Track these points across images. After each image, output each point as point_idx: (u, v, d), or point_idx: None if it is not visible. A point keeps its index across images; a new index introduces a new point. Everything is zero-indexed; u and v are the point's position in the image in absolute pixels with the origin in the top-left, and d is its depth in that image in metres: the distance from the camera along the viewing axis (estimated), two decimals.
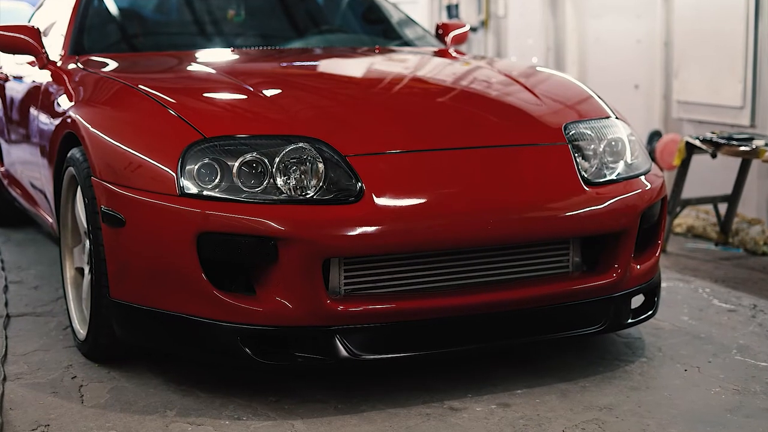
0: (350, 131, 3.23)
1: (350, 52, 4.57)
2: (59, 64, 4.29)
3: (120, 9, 4.76)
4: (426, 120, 3.37)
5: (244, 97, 3.46)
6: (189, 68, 4.05)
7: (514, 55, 8.82)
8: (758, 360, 3.53)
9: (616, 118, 3.63)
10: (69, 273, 3.78)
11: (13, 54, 4.45)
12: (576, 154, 3.36)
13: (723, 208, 5.62)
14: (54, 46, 4.51)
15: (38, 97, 4.32)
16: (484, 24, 9.25)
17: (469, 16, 9.44)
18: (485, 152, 3.27)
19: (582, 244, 3.33)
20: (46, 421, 3.05)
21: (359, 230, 2.95)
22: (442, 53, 4.64)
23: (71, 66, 4.15)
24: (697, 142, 5.22)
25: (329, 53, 4.53)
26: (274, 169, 3.04)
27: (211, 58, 4.27)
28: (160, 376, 3.39)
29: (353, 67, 4.26)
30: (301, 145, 3.09)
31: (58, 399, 3.22)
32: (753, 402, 3.15)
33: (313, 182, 3.04)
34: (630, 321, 3.44)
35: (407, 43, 4.90)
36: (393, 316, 3.03)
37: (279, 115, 3.28)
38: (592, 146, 3.42)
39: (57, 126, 3.81)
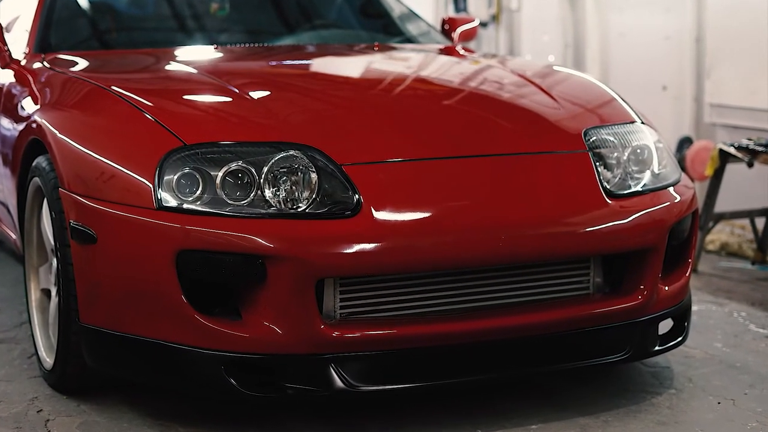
0: (346, 138, 3.24)
1: (346, 49, 4.59)
2: (23, 63, 4.30)
3: (91, 2, 4.78)
4: (431, 125, 3.38)
5: (229, 99, 3.47)
6: (168, 68, 4.07)
7: (528, 53, 8.84)
8: None
9: (642, 123, 3.64)
10: (34, 295, 3.79)
11: None
12: (597, 163, 3.37)
13: (761, 222, 5.63)
14: (17, 43, 4.52)
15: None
16: (495, 18, 9.27)
17: (478, 9, 9.47)
18: (496, 161, 3.29)
19: (604, 263, 3.34)
20: None
21: (356, 247, 2.96)
22: (448, 51, 4.66)
23: (37, 65, 4.16)
24: (732, 150, 5.24)
25: (323, 51, 4.55)
26: (261, 180, 3.05)
27: (193, 56, 4.29)
28: (135, 409, 3.39)
29: (350, 66, 4.27)
30: (291, 152, 3.10)
31: None
32: None
33: (306, 194, 3.05)
34: (657, 348, 3.44)
35: (410, 40, 4.92)
36: (394, 343, 3.04)
37: (267, 120, 3.29)
38: (615, 154, 3.43)
39: (21, 132, 3.82)
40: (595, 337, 3.28)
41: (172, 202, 3.02)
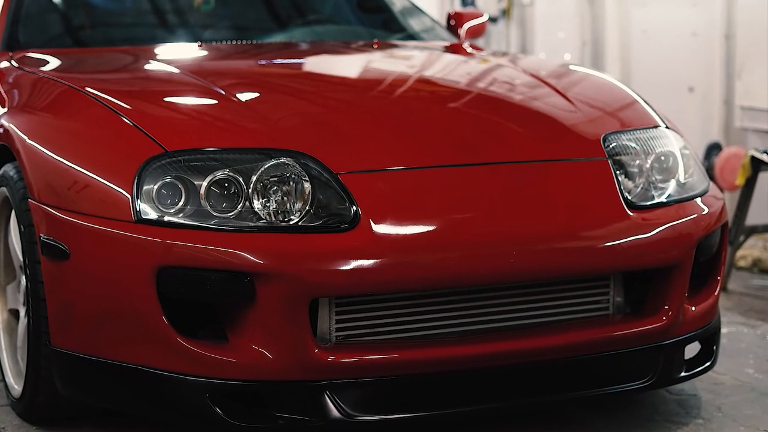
0: (343, 144, 3.24)
1: (343, 47, 4.60)
2: None
3: None
4: (435, 130, 3.39)
5: (214, 102, 3.48)
6: (147, 67, 4.08)
7: (542, 51, 8.86)
8: None
9: (667, 127, 3.65)
10: (1, 316, 3.79)
11: None
12: (618, 172, 3.38)
13: None
14: None
15: None
16: (505, 13, 9.30)
17: (487, 3, 9.50)
18: (507, 169, 3.29)
19: (625, 281, 3.34)
20: None
21: (354, 264, 2.96)
22: (454, 49, 4.67)
23: (4, 64, 4.17)
24: (765, 157, 5.25)
25: (318, 49, 4.56)
26: (250, 190, 3.05)
27: (174, 54, 4.30)
28: None
29: (347, 65, 4.28)
30: (283, 160, 3.10)
31: None
32: None
33: (298, 206, 3.06)
34: (683, 374, 3.44)
35: (412, 37, 4.93)
36: (395, 369, 3.04)
37: (256, 124, 3.30)
38: (638, 162, 3.44)
39: None
40: (616, 361, 3.29)
41: (152, 215, 3.03)
